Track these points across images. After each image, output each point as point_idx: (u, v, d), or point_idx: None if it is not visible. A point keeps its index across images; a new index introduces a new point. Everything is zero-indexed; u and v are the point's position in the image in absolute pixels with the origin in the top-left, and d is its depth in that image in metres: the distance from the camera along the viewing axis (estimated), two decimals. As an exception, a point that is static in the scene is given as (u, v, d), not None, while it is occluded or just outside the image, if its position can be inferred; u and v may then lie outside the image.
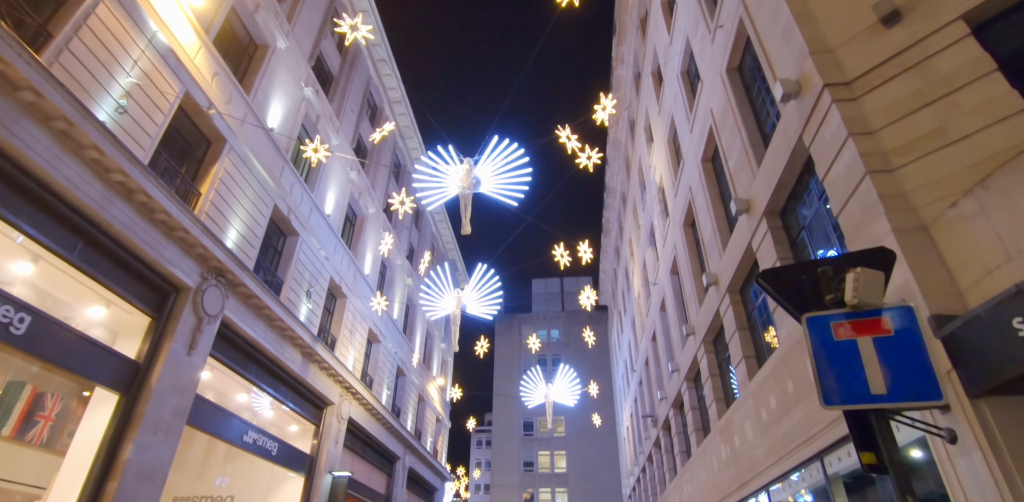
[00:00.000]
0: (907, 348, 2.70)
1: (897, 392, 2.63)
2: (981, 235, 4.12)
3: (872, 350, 2.77)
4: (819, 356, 2.87)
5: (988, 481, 3.69)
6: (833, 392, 2.78)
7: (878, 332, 2.80)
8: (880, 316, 2.86)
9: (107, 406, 9.80)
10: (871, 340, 2.81)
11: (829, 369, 2.82)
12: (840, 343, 2.89)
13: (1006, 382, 3.60)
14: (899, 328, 2.81)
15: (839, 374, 2.78)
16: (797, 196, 7.28)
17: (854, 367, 2.76)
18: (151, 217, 10.51)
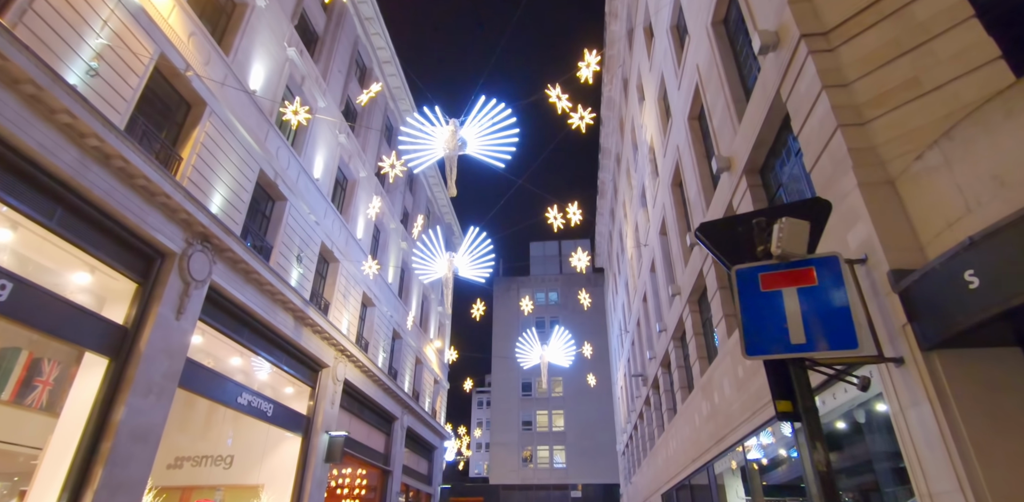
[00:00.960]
0: (830, 298, 2.66)
1: (816, 341, 2.61)
2: (944, 188, 4.04)
3: (796, 300, 2.74)
4: (746, 307, 2.85)
5: (935, 432, 3.74)
6: (756, 342, 2.77)
7: (803, 282, 2.77)
8: (807, 267, 2.82)
9: (97, 370, 9.97)
10: (796, 291, 2.78)
11: (754, 320, 2.80)
12: (766, 294, 2.86)
13: (957, 334, 3.59)
14: (824, 278, 2.77)
15: (763, 325, 2.76)
16: (776, 153, 7.16)
17: (777, 318, 2.74)
18: (130, 182, 10.40)
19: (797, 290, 2.79)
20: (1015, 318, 3.42)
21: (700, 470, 11.20)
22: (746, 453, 8.17)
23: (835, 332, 2.54)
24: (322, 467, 16.12)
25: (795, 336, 2.63)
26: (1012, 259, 3.17)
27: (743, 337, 2.83)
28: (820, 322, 2.60)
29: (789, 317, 2.69)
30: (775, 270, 2.90)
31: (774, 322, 2.73)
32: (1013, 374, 3.71)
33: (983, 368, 3.74)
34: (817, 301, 2.70)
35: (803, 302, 2.73)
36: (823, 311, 2.64)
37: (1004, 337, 3.75)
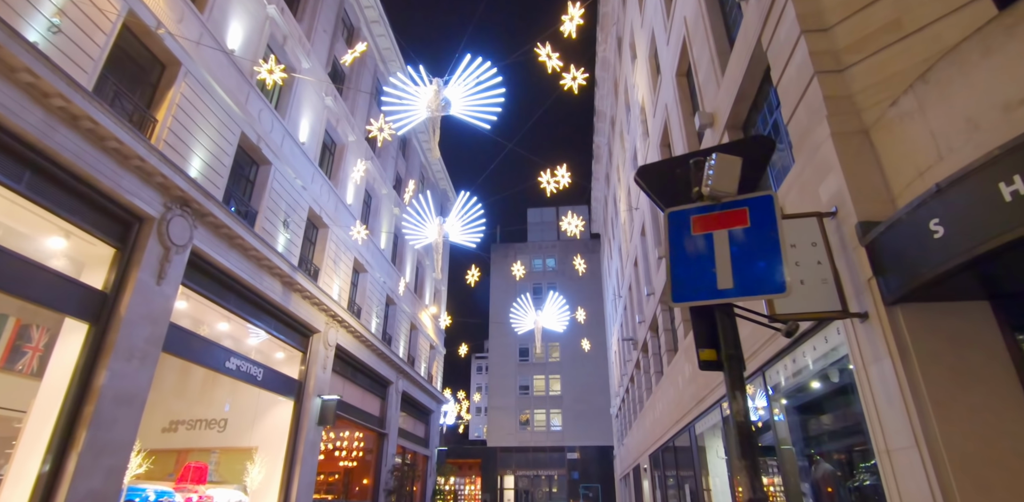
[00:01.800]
0: (761, 240, 2.49)
1: (743, 286, 2.45)
2: (917, 135, 3.81)
3: (726, 243, 2.57)
4: (675, 252, 2.68)
5: (894, 388, 3.63)
6: (683, 288, 2.61)
7: (736, 224, 2.60)
8: (741, 208, 2.64)
9: (78, 335, 9.93)
10: (727, 233, 2.60)
11: (683, 265, 2.64)
12: (697, 237, 2.69)
13: (920, 287, 3.43)
14: (757, 219, 2.59)
15: (692, 270, 2.60)
16: (758, 107, 6.86)
17: (706, 262, 2.57)
18: (101, 145, 10.13)
19: (728, 232, 2.62)
20: (983, 269, 3.25)
21: (682, 431, 11.30)
22: (723, 414, 8.17)
23: (763, 276, 2.38)
24: (315, 430, 16.36)
25: (723, 281, 2.47)
26: (977, 206, 2.98)
27: (671, 283, 2.67)
28: (749, 266, 2.43)
29: (718, 261, 2.52)
30: (708, 212, 2.72)
31: (703, 267, 2.57)
32: (979, 328, 3.58)
33: (948, 322, 3.60)
34: (748, 244, 2.52)
35: (734, 245, 2.56)
36: (753, 254, 2.47)
37: (972, 291, 3.60)
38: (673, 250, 2.69)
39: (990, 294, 3.61)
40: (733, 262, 2.49)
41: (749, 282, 2.40)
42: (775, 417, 6.29)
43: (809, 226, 4.24)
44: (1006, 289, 3.55)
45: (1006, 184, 2.85)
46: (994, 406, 3.37)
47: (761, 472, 1.97)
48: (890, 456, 3.74)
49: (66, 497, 8.81)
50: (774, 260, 2.37)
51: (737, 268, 2.46)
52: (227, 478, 15.07)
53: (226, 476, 15.20)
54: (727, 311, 2.33)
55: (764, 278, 2.36)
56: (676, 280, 2.63)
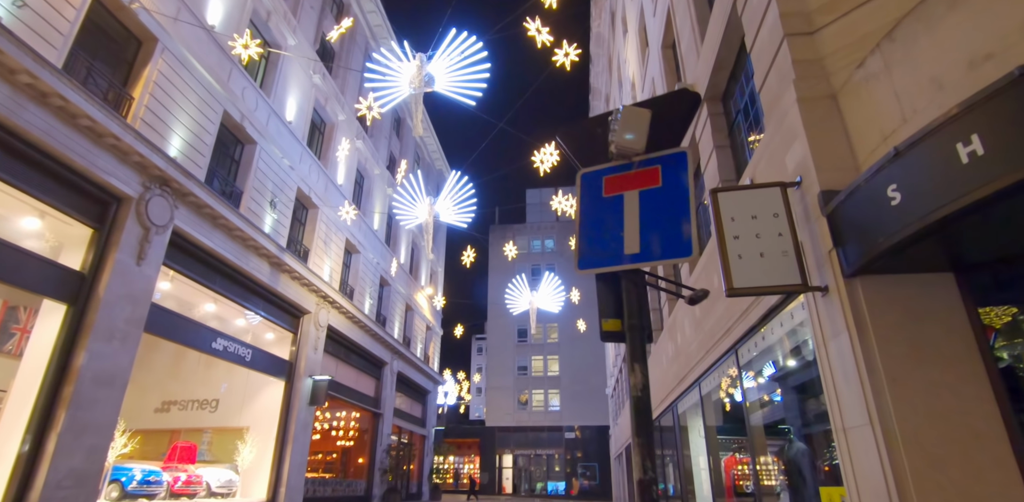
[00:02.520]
0: (671, 200, 2.30)
1: (650, 250, 2.28)
2: (882, 98, 3.59)
3: (636, 205, 2.38)
4: (585, 216, 2.50)
5: (851, 363, 3.47)
6: (590, 255, 2.43)
7: (647, 184, 2.41)
8: (653, 166, 2.44)
9: (56, 316, 9.85)
10: (637, 194, 2.42)
11: (591, 230, 2.45)
12: (608, 200, 2.50)
13: (878, 258, 3.25)
14: (668, 178, 2.40)
15: (600, 235, 2.41)
16: (735, 77, 6.59)
17: (616, 226, 2.39)
18: (73, 123, 9.92)
19: (639, 193, 2.43)
20: (941, 238, 3.07)
21: (667, 411, 11.25)
22: (701, 393, 8.07)
23: (671, 239, 2.20)
24: (307, 410, 16.40)
25: (630, 245, 2.30)
26: (934, 170, 2.78)
27: (577, 249, 2.50)
28: (658, 229, 2.25)
29: (627, 224, 2.34)
30: (620, 172, 2.53)
31: (612, 232, 2.39)
32: (941, 301, 3.40)
33: (909, 295, 3.43)
34: (659, 205, 2.34)
35: (644, 207, 2.38)
36: (663, 216, 2.28)
37: (935, 262, 3.41)
38: (583, 214, 2.51)
39: (954, 265, 3.42)
40: (642, 225, 2.31)
41: (657, 246, 2.22)
42: (747, 396, 6.16)
43: (772, 197, 4.05)
44: (970, 259, 3.37)
45: (963, 145, 2.65)
46: (952, 382, 3.21)
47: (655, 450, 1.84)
48: (846, 434, 3.61)
49: (46, 476, 8.83)
50: (683, 222, 2.19)
51: (645, 231, 2.28)
52: (220, 457, 15.17)
53: (219, 455, 15.31)
54: (633, 278, 2.16)
55: (672, 241, 2.18)
56: (583, 246, 2.45)
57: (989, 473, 3.01)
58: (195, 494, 12.64)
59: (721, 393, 7.34)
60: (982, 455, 3.05)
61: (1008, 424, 3.10)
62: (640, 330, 2.02)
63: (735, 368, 6.32)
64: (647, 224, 2.30)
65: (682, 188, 2.29)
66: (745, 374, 6.13)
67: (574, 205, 16.16)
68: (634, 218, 2.34)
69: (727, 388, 7.04)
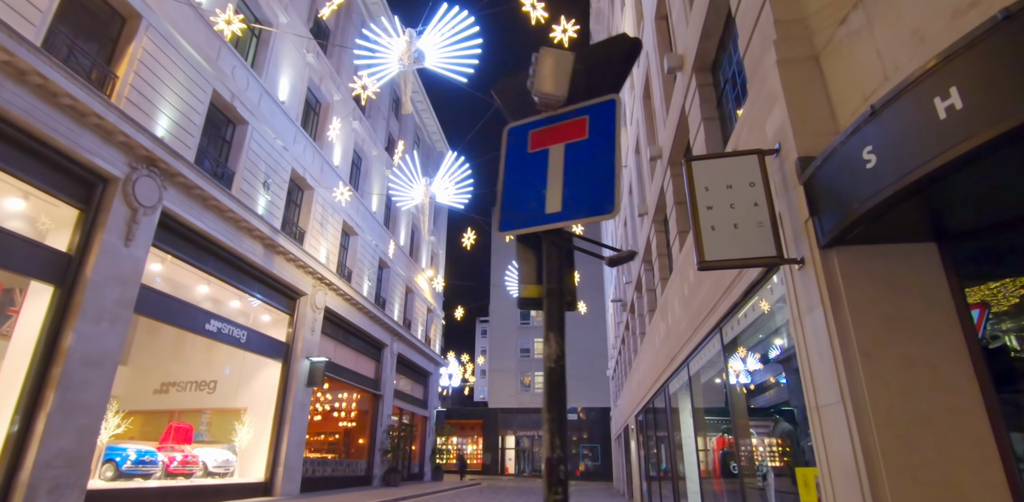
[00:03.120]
0: (597, 153, 2.09)
1: (572, 208, 2.09)
2: (864, 55, 3.34)
3: (560, 160, 2.18)
4: (509, 174, 2.30)
5: (824, 338, 3.29)
6: (512, 215, 2.25)
7: (573, 136, 2.20)
8: (580, 117, 2.23)
9: (43, 298, 9.80)
10: (563, 148, 2.21)
11: (514, 188, 2.26)
12: (533, 156, 2.29)
13: (853, 226, 3.04)
14: (596, 129, 2.19)
15: (523, 193, 2.22)
16: (724, 46, 6.29)
17: (539, 183, 2.20)
18: (54, 102, 9.75)
19: (565, 147, 2.23)
20: (923, 205, 2.86)
21: (659, 392, 11.14)
22: (690, 373, 7.93)
23: (594, 196, 2.01)
24: (304, 391, 16.44)
25: (551, 204, 2.11)
26: (911, 127, 2.56)
27: (499, 211, 2.31)
28: (582, 185, 2.06)
29: (550, 181, 2.15)
30: (547, 124, 2.32)
31: (535, 190, 2.20)
32: (923, 273, 3.20)
33: (888, 266, 3.23)
34: (583, 159, 2.14)
35: (568, 161, 2.18)
36: (588, 171, 2.09)
37: (917, 231, 3.20)
38: (506, 172, 2.31)
39: (937, 235, 3.21)
40: (565, 181, 2.11)
41: (579, 204, 2.03)
42: (730, 376, 6.01)
43: (749, 165, 3.82)
44: (954, 228, 3.16)
45: (941, 99, 2.42)
46: (931, 357, 3.03)
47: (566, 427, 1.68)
48: (819, 413, 3.44)
49: (36, 456, 8.85)
50: (608, 177, 1.99)
51: (569, 188, 2.09)
52: (218, 438, 15.27)
53: (217, 436, 15.41)
54: (554, 239, 1.98)
55: (594, 198, 1.99)
56: (505, 206, 2.26)
57: (965, 452, 2.84)
58: (191, 474, 12.73)
59: (708, 373, 7.19)
60: (958, 434, 2.88)
61: (987, 401, 2.92)
62: (559, 296, 1.85)
63: (719, 347, 6.16)
64: (571, 180, 2.11)
65: (608, 139, 2.09)
66: (729, 353, 5.96)
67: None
68: (558, 174, 2.15)
69: (712, 368, 6.89)
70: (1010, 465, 2.80)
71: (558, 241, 1.98)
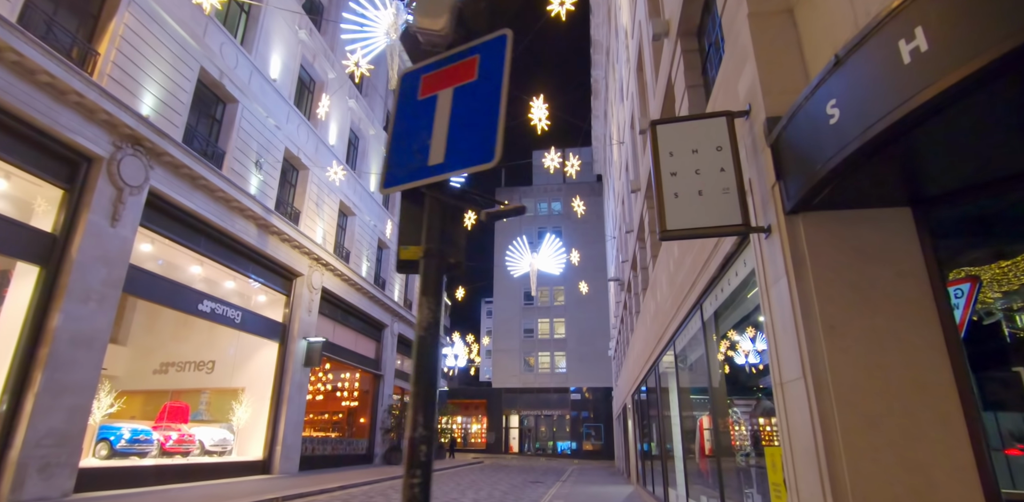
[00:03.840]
0: (484, 95, 1.86)
1: (454, 159, 1.87)
2: (836, 2, 3.06)
3: (448, 106, 1.96)
4: (397, 125, 2.08)
5: (788, 310, 3.09)
6: (397, 170, 2.03)
7: (463, 79, 1.97)
8: (471, 56, 2.00)
9: (29, 278, 9.75)
10: (452, 92, 1.99)
11: (401, 140, 2.04)
12: (423, 103, 2.07)
13: (817, 189, 2.80)
14: (485, 69, 1.95)
15: (409, 145, 2.00)
16: (708, 7, 5.95)
17: (425, 133, 1.98)
18: (31, 79, 9.56)
19: (454, 91, 2.01)
20: (890, 164, 2.61)
21: (650, 372, 10.99)
22: (676, 350, 7.75)
23: (477, 144, 1.80)
24: (301, 371, 16.47)
25: (435, 155, 1.90)
26: (874, 75, 2.31)
27: (386, 166, 2.09)
28: (466, 132, 1.84)
29: (436, 130, 1.93)
30: (439, 68, 2.09)
31: (422, 140, 1.98)
32: (894, 239, 2.97)
33: (857, 233, 2.99)
34: (471, 103, 1.91)
35: (456, 106, 1.95)
36: (473, 116, 1.86)
37: (890, 195, 2.96)
38: (396, 122, 2.09)
39: (912, 198, 2.97)
40: (450, 130, 1.89)
41: (461, 153, 1.82)
42: (711, 352, 5.81)
43: (717, 128, 3.57)
44: (930, 191, 2.91)
45: (906, 41, 2.17)
46: (899, 330, 2.81)
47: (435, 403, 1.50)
48: (783, 389, 3.25)
49: (25, 435, 8.88)
50: (491, 122, 1.77)
51: (452, 137, 1.87)
52: (217, 417, 15.37)
53: (216, 415, 15.51)
54: (436, 194, 1.78)
55: (476, 147, 1.77)
56: (392, 160, 2.04)
57: (932, 431, 2.64)
58: (188, 452, 12.82)
59: (692, 351, 7.01)
60: (926, 412, 2.68)
61: (959, 377, 2.72)
62: (438, 257, 1.65)
63: (700, 324, 5.96)
64: (455, 128, 1.89)
65: (496, 79, 1.86)
66: (709, 330, 5.76)
67: (575, 166, 15.51)
68: (444, 122, 1.93)
69: (696, 346, 6.70)
70: (980, 446, 2.61)
71: (440, 196, 1.78)
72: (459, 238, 1.79)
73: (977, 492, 2.54)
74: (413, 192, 1.92)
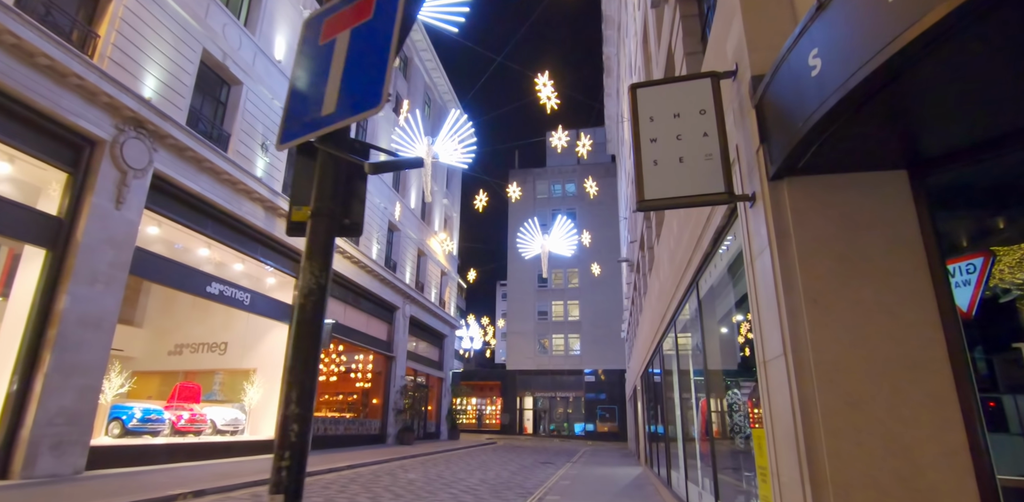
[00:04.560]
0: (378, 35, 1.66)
1: (345, 107, 1.68)
2: (828, -54, 2.78)
3: (344, 49, 1.76)
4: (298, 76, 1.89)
5: (770, 283, 2.87)
6: (293, 124, 1.85)
7: (360, 18, 1.77)
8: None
9: (36, 261, 9.85)
10: (349, 34, 1.78)
11: (300, 90, 1.86)
12: (322, 48, 1.86)
13: (799, 149, 2.56)
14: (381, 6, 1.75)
15: (307, 96, 1.82)
16: (708, -33, 5.63)
17: (322, 82, 1.79)
18: (31, 62, 9.53)
19: (351, 33, 1.80)
20: (887, 121, 2.37)
21: (655, 353, 10.81)
22: (676, 331, 7.54)
23: (366, 88, 1.61)
24: (312, 353, 16.59)
25: (328, 104, 1.71)
26: (856, 19, 2.07)
27: (283, 120, 1.91)
28: (357, 76, 1.65)
29: (331, 76, 1.75)
30: (340, 9, 1.88)
31: (317, 89, 1.79)
32: (887, 205, 2.72)
33: (846, 199, 2.76)
34: (365, 45, 1.72)
35: (351, 49, 1.75)
36: (365, 59, 1.67)
37: (885, 156, 2.71)
38: (296, 73, 1.90)
39: (909, 160, 2.72)
40: (344, 75, 1.70)
41: (349, 100, 1.64)
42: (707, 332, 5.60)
43: (701, 90, 3.32)
44: (928, 150, 2.65)
45: (891, -24, 1.92)
46: (889, 303, 2.60)
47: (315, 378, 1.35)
48: (766, 368, 3.06)
49: (36, 414, 9.04)
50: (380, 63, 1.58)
51: (345, 83, 1.69)
52: (230, 397, 15.61)
53: (229, 395, 15.74)
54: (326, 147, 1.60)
55: (367, 91, 1.59)
56: (288, 113, 1.87)
57: (922, 413, 2.44)
58: (200, 431, 13.03)
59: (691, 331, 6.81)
60: (915, 391, 2.47)
61: (954, 355, 2.49)
62: (328, 217, 1.48)
63: (696, 302, 5.74)
64: (349, 73, 1.71)
65: (390, 15, 1.66)
66: (706, 308, 5.55)
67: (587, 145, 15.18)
68: (339, 67, 1.74)
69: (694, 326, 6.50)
70: (974, 429, 2.40)
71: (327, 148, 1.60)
72: (355, 197, 1.62)
73: (969, 478, 2.34)
74: (307, 147, 1.74)
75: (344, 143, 1.68)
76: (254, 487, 9.57)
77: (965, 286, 3.20)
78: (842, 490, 2.39)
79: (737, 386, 5.87)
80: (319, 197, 1.55)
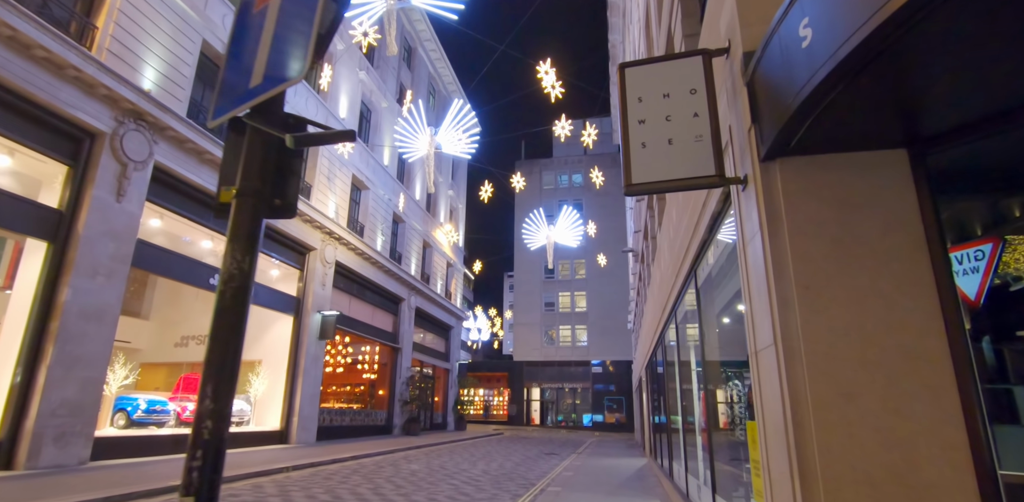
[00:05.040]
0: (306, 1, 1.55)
1: (269, 77, 1.57)
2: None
3: (275, 16, 1.64)
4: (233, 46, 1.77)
5: (761, 269, 2.75)
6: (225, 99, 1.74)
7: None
8: None
9: (38, 254, 9.86)
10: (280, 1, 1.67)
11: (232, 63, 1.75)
12: (256, 16, 1.76)
13: (789, 127, 2.42)
14: None
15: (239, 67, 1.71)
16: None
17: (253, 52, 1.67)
18: (28, 54, 9.48)
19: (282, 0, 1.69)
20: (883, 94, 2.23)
21: (658, 344, 10.69)
22: (677, 320, 7.41)
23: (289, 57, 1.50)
24: (316, 344, 16.63)
25: (256, 75, 1.60)
26: (848, -18, 1.92)
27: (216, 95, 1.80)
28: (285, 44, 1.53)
29: (261, 46, 1.63)
30: None
31: (248, 60, 1.68)
32: (885, 187, 2.58)
33: (841, 180, 2.62)
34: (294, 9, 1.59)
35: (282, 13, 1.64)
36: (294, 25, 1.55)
37: (884, 134, 2.56)
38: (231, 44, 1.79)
39: (909, 138, 2.57)
40: (273, 43, 1.59)
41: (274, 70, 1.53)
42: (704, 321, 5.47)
43: (692, 69, 3.18)
44: (931, 127, 2.50)
45: (884, -66, 1.78)
46: (885, 290, 2.46)
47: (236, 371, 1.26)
48: (757, 359, 2.94)
49: (39, 406, 9.09)
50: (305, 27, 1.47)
51: (274, 51, 1.57)
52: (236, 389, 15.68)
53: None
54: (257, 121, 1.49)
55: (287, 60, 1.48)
56: (223, 88, 1.76)
57: (917, 405, 2.31)
58: (206, 423, 13.08)
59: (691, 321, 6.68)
60: (912, 382, 2.34)
61: (954, 343, 2.36)
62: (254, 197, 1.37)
63: (694, 291, 5.61)
64: (277, 40, 1.59)
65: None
66: (704, 297, 5.42)
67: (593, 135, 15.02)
68: (269, 35, 1.63)
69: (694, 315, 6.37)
70: (974, 422, 2.27)
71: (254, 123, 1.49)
72: (291, 175, 1.52)
73: (968, 473, 2.22)
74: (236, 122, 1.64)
75: (275, 118, 1.57)
76: (257, 477, 9.60)
77: (973, 274, 3.05)
78: (833, 485, 2.28)
79: (739, 377, 5.75)
80: (245, 176, 1.45)
